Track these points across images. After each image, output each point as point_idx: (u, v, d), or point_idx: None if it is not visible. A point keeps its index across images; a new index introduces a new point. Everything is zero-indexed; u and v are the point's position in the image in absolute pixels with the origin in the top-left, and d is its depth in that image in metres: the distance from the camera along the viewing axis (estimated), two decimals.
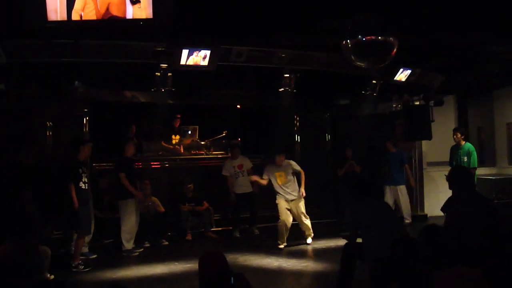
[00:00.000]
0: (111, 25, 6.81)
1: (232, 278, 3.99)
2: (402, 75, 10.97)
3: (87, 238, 9.55)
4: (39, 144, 10.23)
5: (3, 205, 7.53)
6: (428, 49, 9.88)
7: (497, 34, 8.90)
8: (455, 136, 11.57)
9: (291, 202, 10.07)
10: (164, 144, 12.53)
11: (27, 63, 8.72)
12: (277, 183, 10.09)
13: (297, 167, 10.28)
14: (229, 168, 11.75)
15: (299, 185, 10.21)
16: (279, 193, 10.08)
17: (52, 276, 7.85)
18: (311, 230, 10.35)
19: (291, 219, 10.06)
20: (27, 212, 7.34)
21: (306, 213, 10.16)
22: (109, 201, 10.82)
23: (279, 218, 10.04)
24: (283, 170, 10.15)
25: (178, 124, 12.81)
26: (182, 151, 12.60)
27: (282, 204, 10.04)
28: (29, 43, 8.29)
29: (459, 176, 6.29)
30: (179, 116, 12.73)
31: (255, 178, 10.52)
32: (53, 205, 9.58)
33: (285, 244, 10.07)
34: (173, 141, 12.59)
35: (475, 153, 11.39)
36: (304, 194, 10.13)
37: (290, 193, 10.07)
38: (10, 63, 8.39)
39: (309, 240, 10.33)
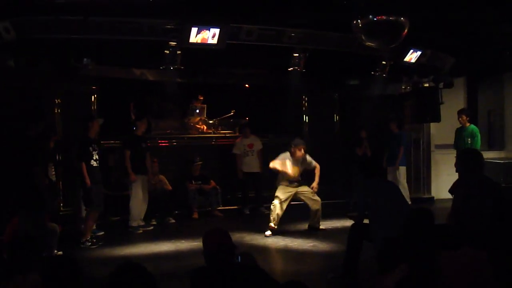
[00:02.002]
0: (120, 2, 6.78)
1: (239, 257, 4.02)
2: (412, 56, 10.89)
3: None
4: (48, 120, 10.22)
5: (14, 180, 7.59)
6: (439, 30, 9.80)
7: (508, 12, 8.81)
8: (460, 118, 11.48)
9: (294, 189, 9.64)
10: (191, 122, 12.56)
11: (36, 40, 8.70)
12: (289, 175, 9.53)
13: (313, 163, 9.72)
14: (240, 146, 11.88)
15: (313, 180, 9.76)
16: (283, 182, 9.65)
17: (60, 253, 7.89)
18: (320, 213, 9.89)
19: (284, 206, 9.54)
20: (37, 188, 7.40)
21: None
22: (117, 179, 10.84)
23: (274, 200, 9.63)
24: (299, 165, 9.59)
25: (199, 104, 12.74)
26: (204, 130, 12.60)
27: (281, 189, 9.60)
28: (38, 19, 8.28)
29: (469, 158, 6.26)
30: (201, 98, 12.65)
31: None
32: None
33: (274, 227, 9.57)
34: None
35: (479, 136, 11.30)
36: (315, 189, 9.64)
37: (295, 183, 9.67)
38: (19, 40, 8.37)
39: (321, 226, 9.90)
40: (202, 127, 12.55)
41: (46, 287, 3.45)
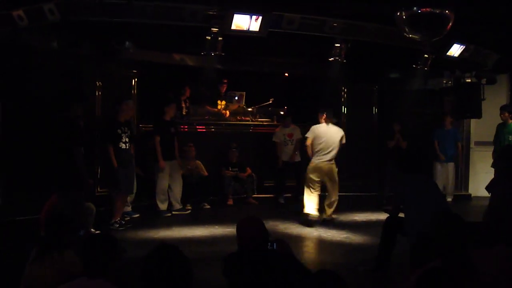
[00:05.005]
0: None
1: (274, 244, 4.04)
2: (455, 51, 10.72)
3: (130, 198, 9.75)
4: (88, 102, 10.33)
5: (53, 160, 7.74)
6: (484, 24, 9.62)
7: None
8: (502, 115, 11.37)
9: (323, 169, 9.60)
10: (208, 107, 12.59)
11: (80, 22, 8.80)
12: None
13: (343, 140, 9.74)
14: (280, 135, 11.88)
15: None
16: (315, 156, 9.63)
17: (98, 232, 8.01)
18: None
19: (316, 193, 9.57)
20: (76, 168, 7.53)
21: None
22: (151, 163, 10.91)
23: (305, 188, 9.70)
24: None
25: (224, 89, 12.82)
26: (227, 116, 12.62)
27: (310, 173, 9.60)
28: (82, 2, 8.36)
29: (509, 155, 6.16)
30: (226, 81, 12.73)
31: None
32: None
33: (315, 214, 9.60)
34: (219, 106, 12.60)
35: None
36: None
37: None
38: (63, 21, 8.47)
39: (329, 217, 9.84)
40: (225, 112, 12.59)
41: (86, 264, 3.50)
